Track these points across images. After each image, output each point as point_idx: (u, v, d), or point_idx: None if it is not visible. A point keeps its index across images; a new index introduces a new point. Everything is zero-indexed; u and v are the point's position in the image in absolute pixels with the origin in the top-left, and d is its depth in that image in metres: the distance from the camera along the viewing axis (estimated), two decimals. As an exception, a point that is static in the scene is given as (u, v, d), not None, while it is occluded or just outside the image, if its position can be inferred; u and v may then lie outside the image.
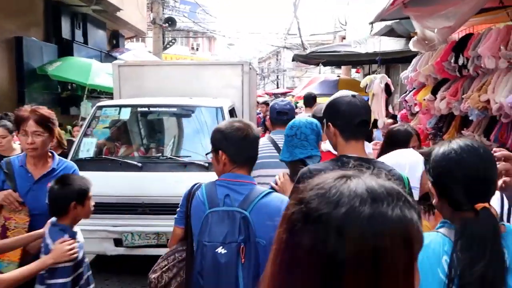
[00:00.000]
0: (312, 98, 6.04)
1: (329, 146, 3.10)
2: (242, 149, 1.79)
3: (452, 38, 4.15)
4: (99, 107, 4.36)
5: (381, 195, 0.64)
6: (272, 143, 3.09)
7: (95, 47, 10.47)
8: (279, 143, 2.97)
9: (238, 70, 5.24)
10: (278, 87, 33.04)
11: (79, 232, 2.14)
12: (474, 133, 3.44)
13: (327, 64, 12.02)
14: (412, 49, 4.93)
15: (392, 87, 6.98)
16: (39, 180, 2.33)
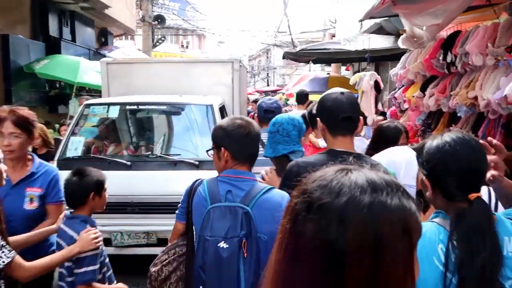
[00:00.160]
0: (305, 96, 6.10)
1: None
2: (244, 146, 1.81)
3: (441, 35, 4.18)
4: (87, 105, 4.30)
5: (380, 186, 0.67)
6: None
7: (83, 45, 10.35)
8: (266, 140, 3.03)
9: (228, 67, 5.22)
10: (268, 84, 33.04)
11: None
12: (462, 129, 3.47)
13: (317, 62, 12.04)
14: (401, 46, 4.96)
15: (381, 85, 7.01)
16: (17, 184, 2.25)
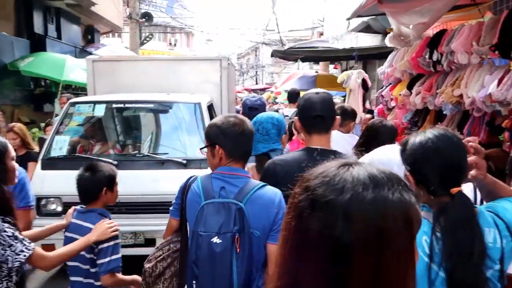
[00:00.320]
0: (296, 94, 6.19)
1: None
2: (238, 144, 1.84)
3: (427, 34, 4.22)
4: (72, 104, 4.22)
5: (381, 181, 0.69)
6: None
7: (69, 42, 10.20)
8: None
9: (216, 65, 5.19)
10: (257, 83, 33.01)
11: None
12: (448, 127, 3.51)
13: (305, 60, 12.06)
14: (388, 45, 4.99)
15: (369, 83, 7.07)
16: None
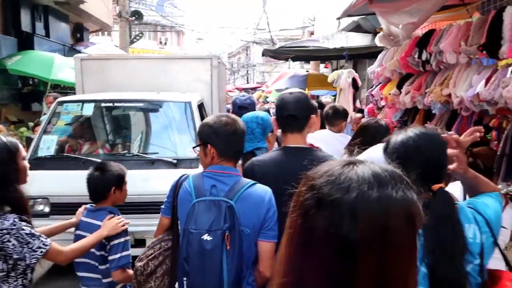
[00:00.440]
0: None
1: (310, 139, 3.17)
2: (230, 143, 1.86)
3: (416, 34, 4.25)
4: (60, 103, 4.17)
5: (385, 179, 0.71)
6: None
7: (57, 40, 10.07)
8: None
9: (206, 64, 5.17)
10: (248, 82, 32.99)
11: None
12: (437, 126, 3.54)
13: (296, 59, 12.08)
14: (378, 44, 5.02)
15: (359, 82, 7.10)
16: None
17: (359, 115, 6.24)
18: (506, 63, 2.75)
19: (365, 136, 2.75)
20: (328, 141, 3.29)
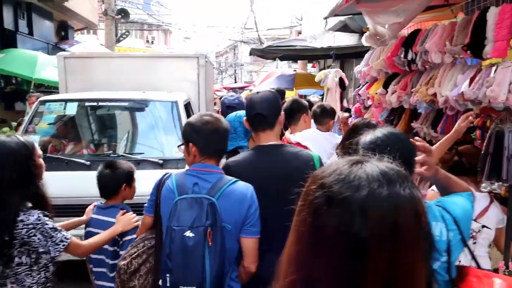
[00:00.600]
0: (281, 93, 6.54)
1: (298, 138, 3.19)
2: (210, 142, 1.89)
3: (402, 33, 4.28)
4: (42, 102, 4.08)
5: (393, 177, 0.73)
6: None
7: (41, 38, 9.90)
8: None
9: (193, 63, 5.13)
10: (236, 81, 32.93)
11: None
12: (423, 125, 3.56)
13: (283, 59, 12.10)
14: (365, 44, 5.04)
15: (346, 81, 7.12)
16: None
17: (346, 114, 6.26)
18: (489, 63, 2.78)
19: (357, 136, 2.75)
20: (316, 140, 3.30)
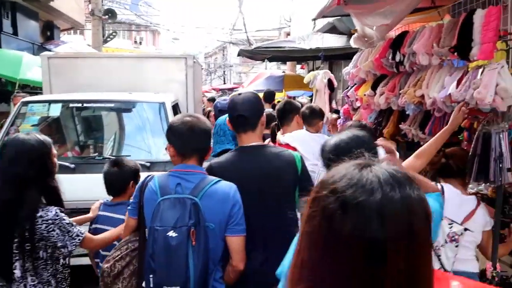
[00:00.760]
0: (272, 94, 6.96)
1: (287, 139, 3.18)
2: (186, 141, 1.89)
3: (390, 35, 4.29)
4: (25, 103, 3.98)
5: (401, 179, 0.74)
6: None
7: (26, 38, 9.73)
8: None
9: (181, 63, 5.07)
10: (225, 82, 32.86)
11: None
12: (411, 126, 3.57)
13: (272, 60, 12.08)
14: (353, 45, 5.05)
15: (335, 83, 7.13)
16: None
17: (335, 115, 6.26)
18: (476, 65, 2.79)
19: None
20: (305, 141, 3.29)
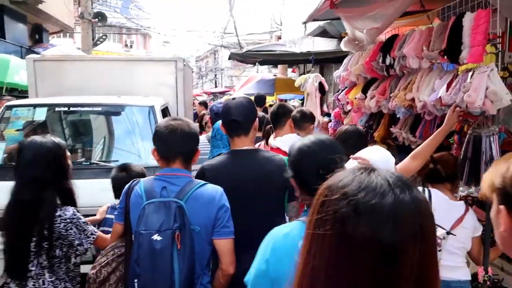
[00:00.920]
0: (263, 98, 7.32)
1: (278, 143, 3.16)
2: (168, 144, 1.87)
3: (380, 39, 4.29)
4: (9, 107, 3.89)
5: (406, 182, 0.76)
6: (209, 141, 3.54)
7: (14, 41, 9.60)
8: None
9: (171, 66, 5.00)
10: (216, 86, 32.81)
11: None
12: (402, 130, 3.57)
13: (263, 63, 12.08)
14: (343, 49, 5.04)
15: (326, 86, 7.13)
16: None
17: (326, 119, 6.26)
18: (466, 68, 2.79)
19: (349, 142, 2.76)
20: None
